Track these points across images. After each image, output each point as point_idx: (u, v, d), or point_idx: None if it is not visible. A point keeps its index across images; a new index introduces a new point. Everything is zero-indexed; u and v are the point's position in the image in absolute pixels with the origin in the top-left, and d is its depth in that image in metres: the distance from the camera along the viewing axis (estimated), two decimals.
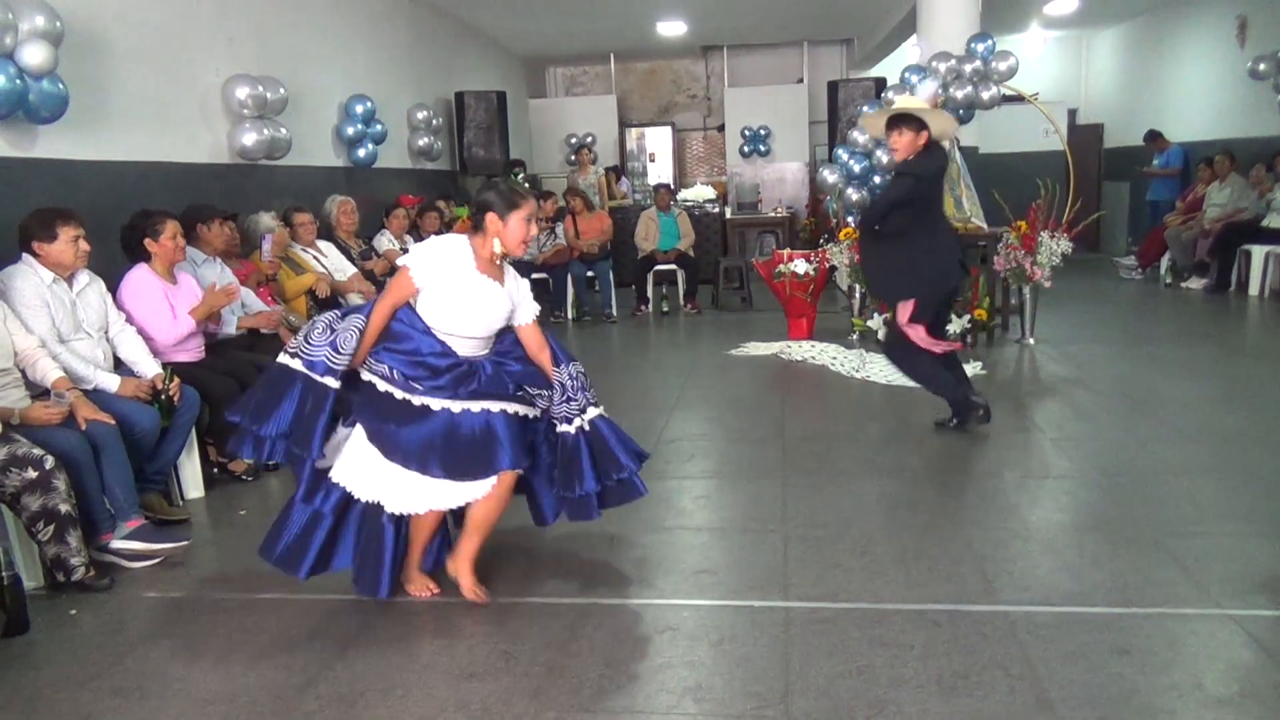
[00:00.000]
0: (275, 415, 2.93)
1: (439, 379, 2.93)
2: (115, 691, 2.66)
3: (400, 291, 2.96)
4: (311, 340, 2.94)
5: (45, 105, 4.15)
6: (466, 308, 2.97)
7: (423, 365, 2.93)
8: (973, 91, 7.91)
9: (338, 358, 2.90)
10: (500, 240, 3.00)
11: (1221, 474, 4.13)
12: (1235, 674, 2.55)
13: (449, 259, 2.97)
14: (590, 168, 11.32)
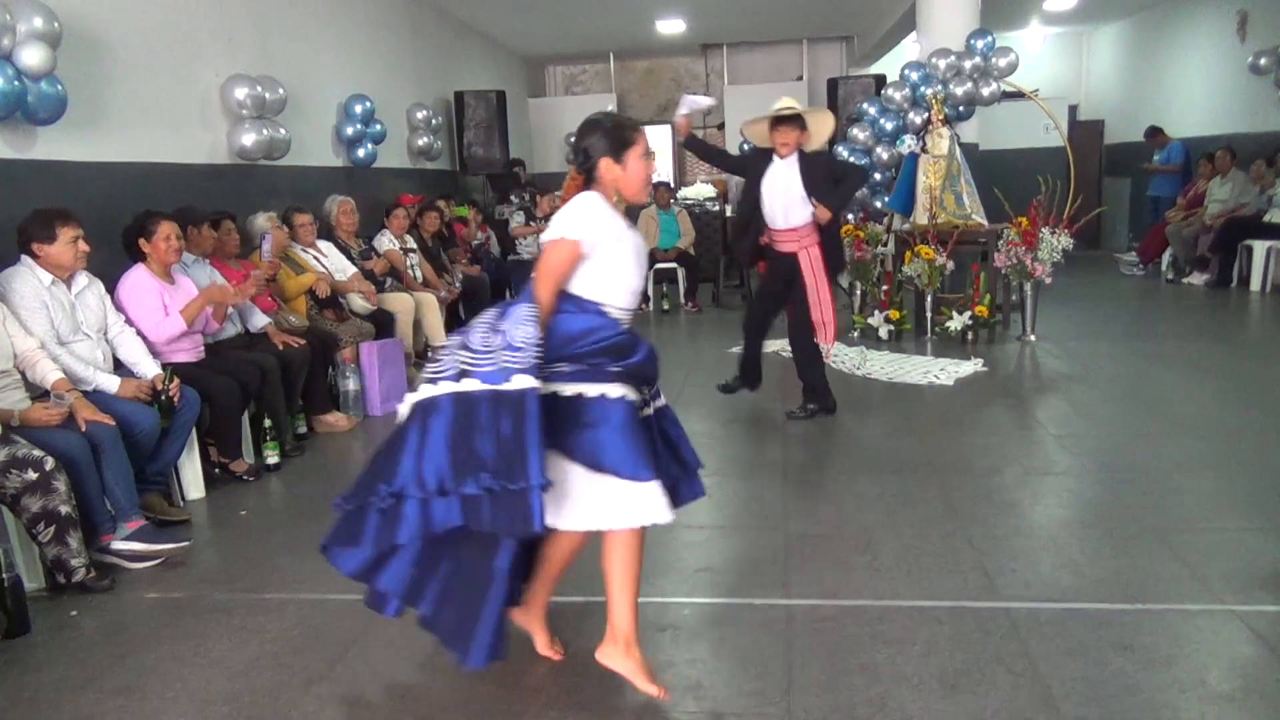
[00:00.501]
0: (434, 461, 2.34)
1: (627, 361, 2.50)
2: (117, 692, 2.66)
3: (564, 266, 2.44)
4: (475, 348, 2.38)
5: (44, 106, 4.14)
6: (632, 268, 2.54)
7: (607, 350, 2.47)
8: (973, 88, 7.90)
9: (520, 355, 2.31)
10: (621, 188, 2.54)
11: (1224, 470, 4.12)
12: (1238, 670, 2.54)
13: (604, 217, 2.49)
14: None
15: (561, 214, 2.47)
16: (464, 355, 2.39)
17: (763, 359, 5.46)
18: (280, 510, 4.31)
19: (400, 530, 2.39)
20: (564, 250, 2.43)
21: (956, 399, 5.51)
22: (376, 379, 5.65)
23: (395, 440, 2.44)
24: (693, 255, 9.60)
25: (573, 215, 2.46)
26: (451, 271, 7.85)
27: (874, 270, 7.45)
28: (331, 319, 5.77)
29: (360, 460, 5.09)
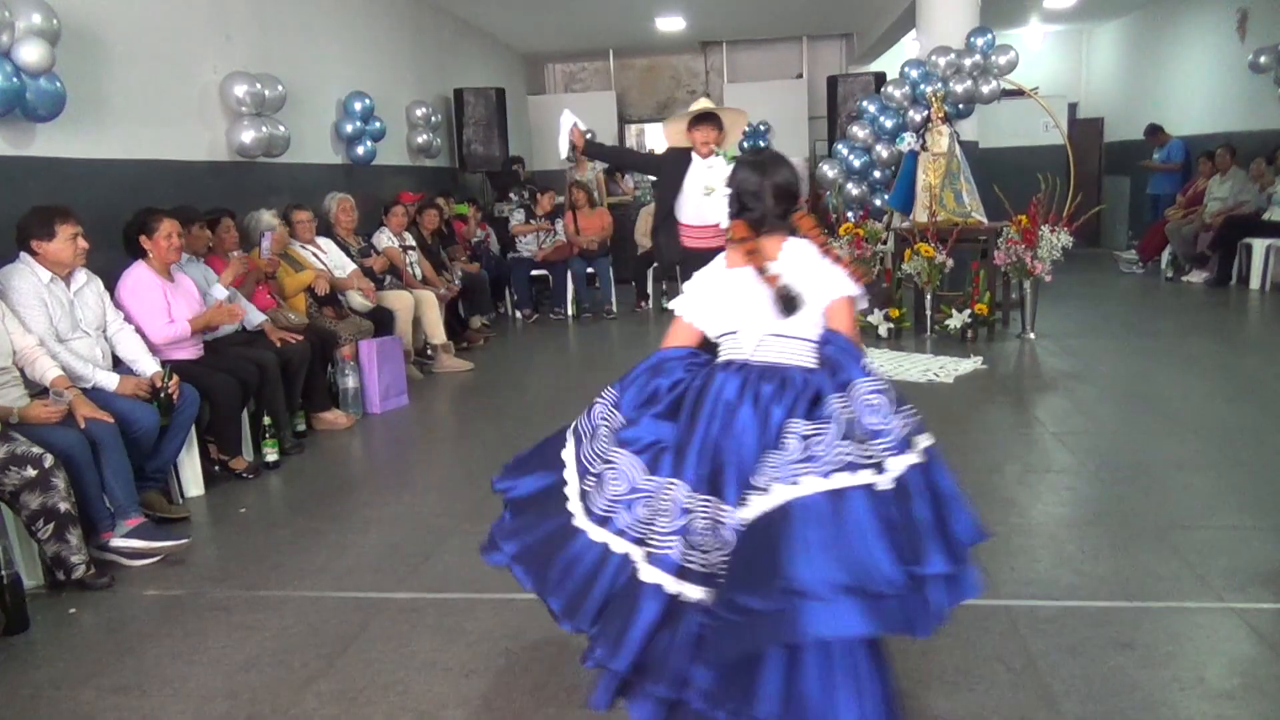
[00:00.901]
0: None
1: None
2: (115, 689, 2.66)
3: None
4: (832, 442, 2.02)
5: (43, 103, 4.14)
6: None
7: None
8: (972, 86, 7.89)
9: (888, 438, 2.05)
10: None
11: (1223, 467, 4.12)
12: (1237, 667, 2.54)
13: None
14: (588, 165, 11.29)
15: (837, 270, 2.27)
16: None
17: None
18: (279, 508, 4.31)
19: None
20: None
21: (956, 397, 5.51)
22: (376, 377, 5.65)
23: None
24: None
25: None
26: (451, 269, 7.85)
27: (873, 269, 7.44)
28: (330, 316, 5.77)
29: (360, 458, 5.10)
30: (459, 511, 3.99)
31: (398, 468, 4.90)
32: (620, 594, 2.14)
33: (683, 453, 2.14)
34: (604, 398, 2.35)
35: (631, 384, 2.33)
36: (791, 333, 2.22)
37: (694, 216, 4.97)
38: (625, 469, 2.20)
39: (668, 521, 2.09)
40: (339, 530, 3.85)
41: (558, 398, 5.96)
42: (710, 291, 2.37)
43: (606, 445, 2.25)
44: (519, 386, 6.41)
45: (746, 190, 2.32)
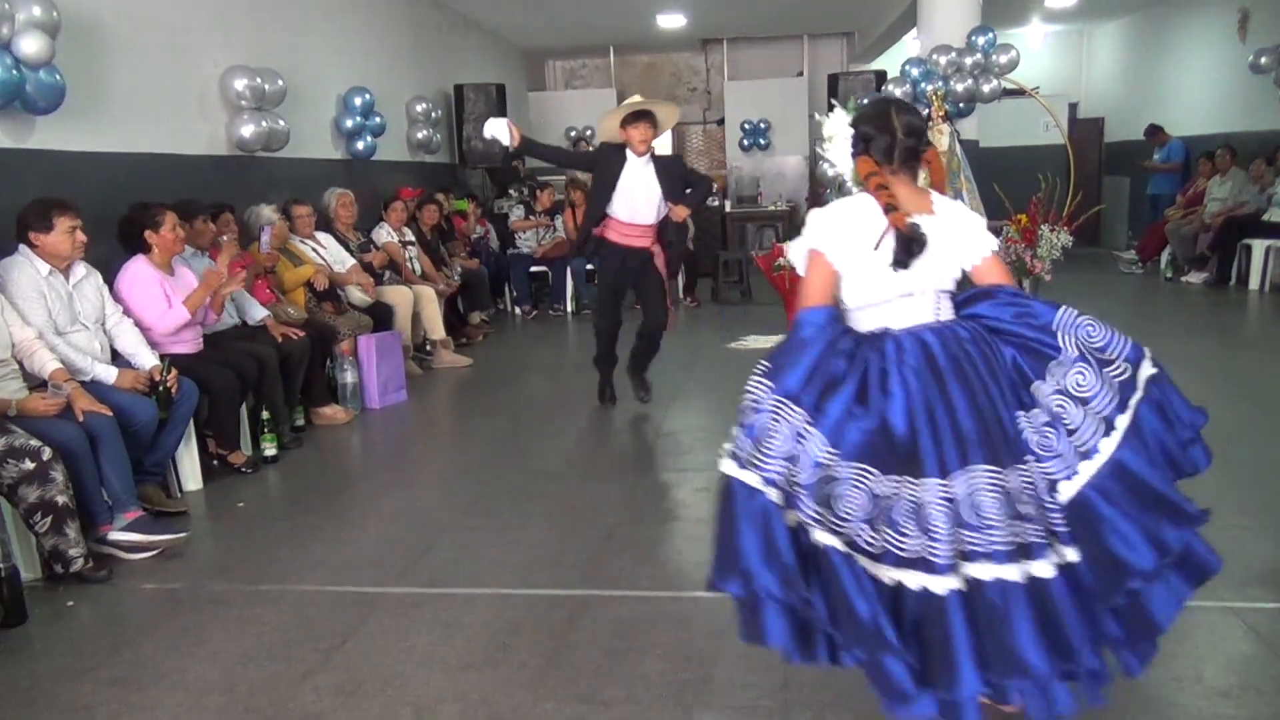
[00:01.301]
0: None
1: None
2: (113, 682, 2.66)
3: None
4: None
5: (42, 96, 4.12)
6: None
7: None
8: (973, 85, 7.90)
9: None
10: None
11: (1221, 468, 4.07)
12: (1235, 666, 2.54)
13: None
14: None
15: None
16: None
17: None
18: (278, 502, 4.31)
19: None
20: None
21: None
22: (374, 372, 5.64)
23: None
24: (692, 250, 9.58)
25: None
26: (450, 265, 7.84)
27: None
28: (330, 311, 5.77)
29: (359, 453, 5.10)
30: (457, 506, 3.99)
31: (396, 463, 4.90)
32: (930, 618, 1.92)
33: (960, 443, 1.95)
34: (766, 395, 2.01)
35: (800, 369, 2.01)
36: (950, 288, 2.16)
37: (627, 214, 4.94)
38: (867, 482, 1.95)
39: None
40: (337, 525, 3.85)
41: (556, 394, 5.96)
42: (855, 230, 2.10)
43: (819, 455, 1.96)
44: (518, 383, 6.41)
45: (876, 121, 2.15)
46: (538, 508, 3.97)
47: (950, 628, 1.89)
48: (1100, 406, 2.02)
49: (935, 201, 2.20)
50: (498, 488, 4.21)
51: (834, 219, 2.16)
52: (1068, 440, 1.98)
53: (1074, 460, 1.97)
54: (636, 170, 4.88)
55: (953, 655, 1.87)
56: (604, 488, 4.18)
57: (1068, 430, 1.99)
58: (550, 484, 4.27)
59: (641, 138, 4.82)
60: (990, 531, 1.91)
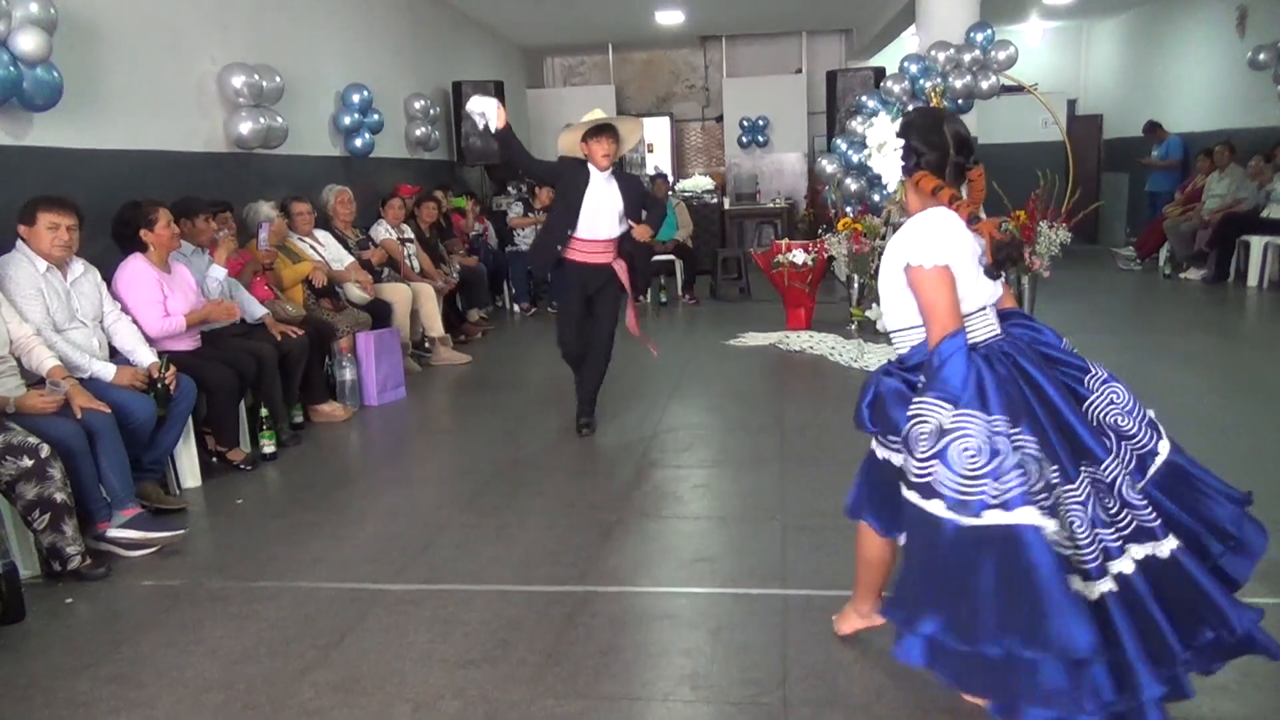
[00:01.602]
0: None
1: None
2: (111, 679, 2.66)
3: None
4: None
5: (39, 93, 4.12)
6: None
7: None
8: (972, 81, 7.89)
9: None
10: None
11: (1218, 463, 4.07)
12: (1235, 662, 2.53)
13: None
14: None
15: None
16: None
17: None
18: (277, 499, 4.31)
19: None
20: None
21: None
22: (373, 369, 5.64)
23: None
24: (690, 248, 9.58)
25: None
26: (449, 262, 7.83)
27: (871, 263, 7.44)
28: (328, 308, 5.76)
29: (357, 450, 5.10)
30: (456, 503, 3.99)
31: (395, 460, 4.89)
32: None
33: (1070, 441, 2.05)
34: (941, 417, 1.97)
35: (998, 395, 1.99)
36: (997, 300, 2.22)
37: (587, 230, 4.71)
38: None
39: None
40: (336, 522, 3.85)
41: (555, 391, 5.95)
42: (957, 242, 2.09)
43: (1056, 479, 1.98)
44: (516, 380, 6.40)
45: (927, 136, 2.15)
46: (536, 504, 3.97)
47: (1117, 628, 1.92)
48: (1140, 414, 2.23)
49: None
50: (496, 485, 4.22)
51: (943, 233, 2.10)
52: (1127, 444, 2.16)
53: (1138, 465, 2.15)
54: (600, 186, 4.69)
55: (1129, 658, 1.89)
56: (603, 485, 4.18)
57: (1126, 435, 2.15)
58: (549, 481, 4.27)
59: (604, 152, 4.64)
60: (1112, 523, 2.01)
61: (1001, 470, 1.89)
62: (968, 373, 1.97)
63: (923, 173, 2.13)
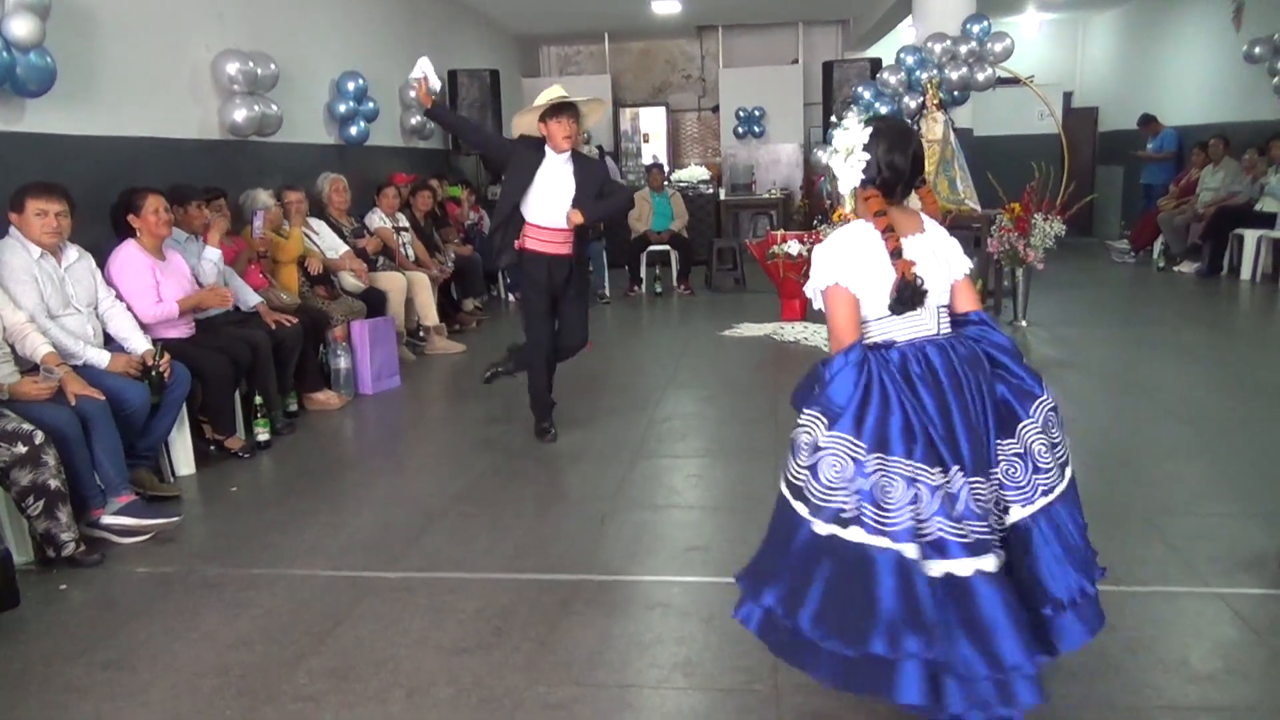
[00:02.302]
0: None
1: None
2: (106, 665, 2.66)
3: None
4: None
5: (32, 78, 4.10)
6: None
7: None
8: (968, 73, 7.90)
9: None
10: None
11: (1211, 456, 4.15)
12: (1221, 651, 2.57)
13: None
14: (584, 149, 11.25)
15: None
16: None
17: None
18: (271, 487, 4.31)
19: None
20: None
21: None
22: (368, 357, 5.64)
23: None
24: (685, 238, 9.58)
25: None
26: (444, 251, 7.83)
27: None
28: (323, 297, 5.76)
29: (352, 438, 5.10)
30: (450, 492, 4.00)
31: (389, 448, 4.90)
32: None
33: (953, 440, 2.06)
34: (818, 433, 2.08)
35: (876, 417, 2.06)
36: (946, 302, 2.25)
37: (542, 216, 4.41)
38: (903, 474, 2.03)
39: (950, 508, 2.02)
40: (330, 510, 3.85)
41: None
42: (862, 259, 2.17)
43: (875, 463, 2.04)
44: None
45: (891, 156, 2.18)
46: (530, 493, 3.98)
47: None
48: (1061, 453, 2.17)
49: (925, 220, 2.29)
50: (491, 473, 4.22)
51: (844, 250, 2.20)
52: (1032, 475, 2.12)
53: (1033, 494, 2.12)
54: (555, 169, 4.36)
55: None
56: (597, 474, 4.19)
57: (1035, 467, 2.13)
58: (543, 470, 4.28)
59: (565, 134, 4.29)
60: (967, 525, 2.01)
61: (861, 490, 2.02)
62: (853, 392, 2.07)
63: (874, 191, 2.18)
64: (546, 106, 4.29)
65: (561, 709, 2.38)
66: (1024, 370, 2.20)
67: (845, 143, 2.20)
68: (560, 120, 4.30)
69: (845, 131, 2.22)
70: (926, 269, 2.18)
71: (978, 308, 2.31)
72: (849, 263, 2.18)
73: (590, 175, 4.46)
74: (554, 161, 4.38)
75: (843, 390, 2.08)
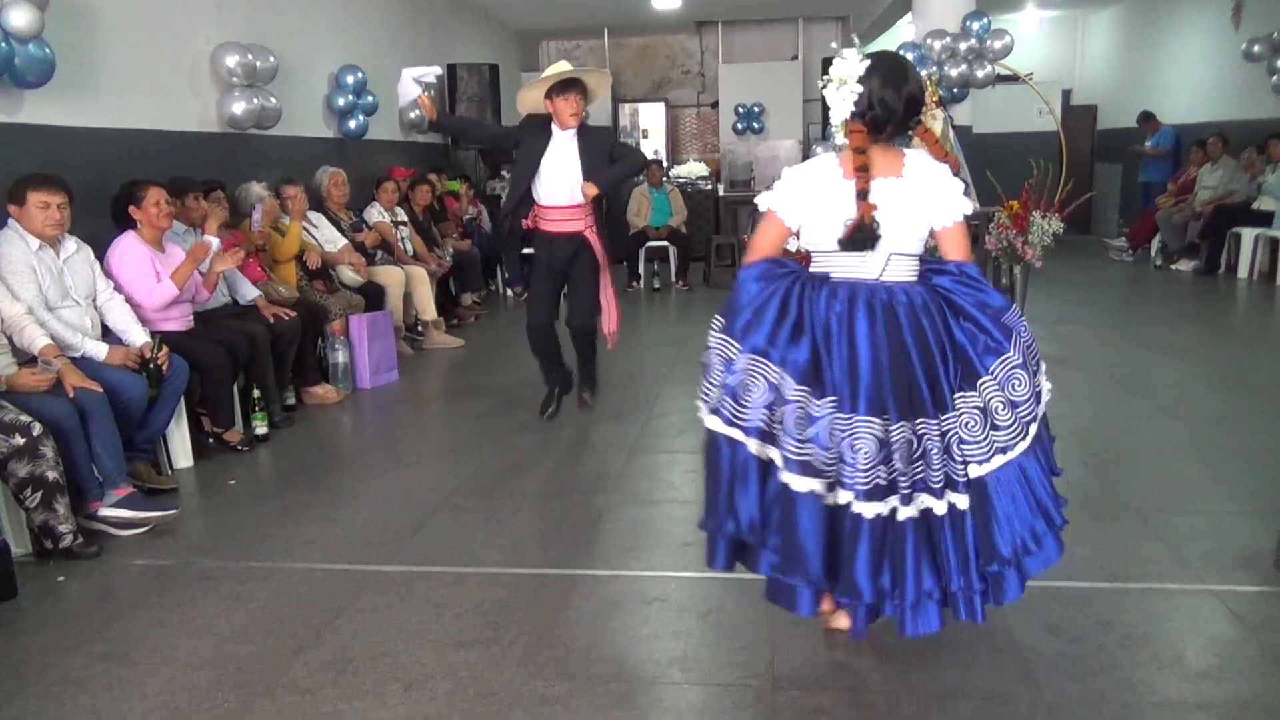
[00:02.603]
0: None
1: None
2: (104, 657, 2.67)
3: None
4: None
5: (31, 69, 4.09)
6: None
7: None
8: (967, 70, 7.90)
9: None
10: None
11: (1206, 453, 4.16)
12: (1215, 647, 2.58)
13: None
14: None
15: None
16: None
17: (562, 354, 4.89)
18: (269, 480, 4.31)
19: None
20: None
21: None
22: (366, 352, 5.64)
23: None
24: (684, 234, 9.58)
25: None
26: (442, 246, 7.82)
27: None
28: (321, 290, 5.76)
29: (350, 432, 5.11)
30: (448, 486, 4.01)
31: (387, 442, 4.90)
32: (783, 510, 2.23)
33: (852, 379, 2.18)
34: (715, 333, 2.33)
35: (743, 310, 2.27)
36: (913, 250, 2.27)
37: (549, 196, 4.38)
38: (768, 378, 2.21)
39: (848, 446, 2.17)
40: (328, 503, 3.86)
41: None
42: (822, 195, 2.25)
43: (740, 359, 2.25)
44: (509, 364, 6.40)
45: (883, 93, 2.20)
46: (528, 488, 3.99)
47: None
48: (1027, 410, 2.23)
49: (907, 165, 2.25)
50: (488, 468, 4.23)
51: (798, 182, 2.29)
52: (990, 432, 2.20)
53: (989, 451, 2.20)
54: (561, 147, 4.30)
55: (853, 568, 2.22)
56: (595, 469, 4.19)
57: (993, 424, 2.20)
58: (541, 464, 4.29)
59: (571, 111, 4.21)
60: (855, 469, 2.17)
61: (725, 384, 2.26)
62: (747, 300, 2.25)
63: (860, 127, 2.21)
64: (553, 83, 4.24)
65: (558, 703, 2.38)
66: (994, 325, 2.22)
67: (841, 72, 2.23)
68: (568, 97, 4.23)
69: (842, 61, 2.24)
70: (889, 214, 2.20)
71: (964, 258, 2.30)
72: (797, 196, 2.29)
73: (597, 145, 4.38)
74: (560, 140, 4.32)
75: (738, 298, 2.28)
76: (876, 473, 2.16)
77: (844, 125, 2.25)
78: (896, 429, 2.17)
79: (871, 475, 2.16)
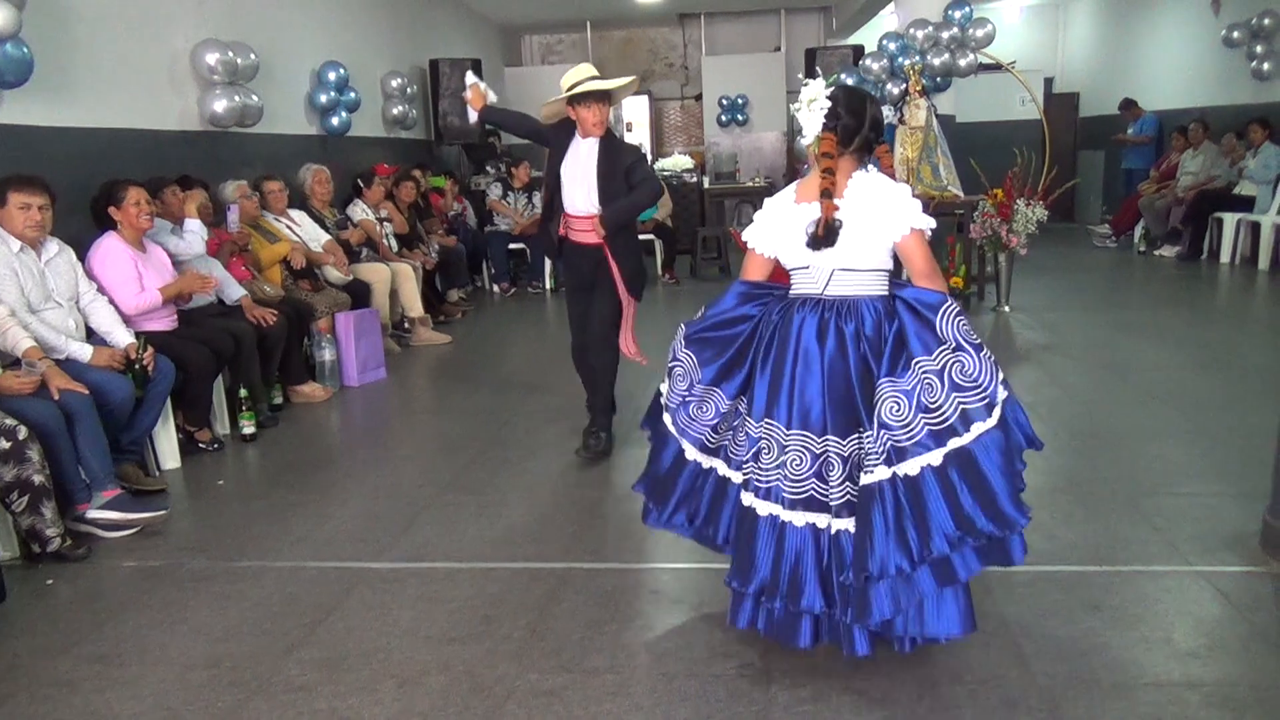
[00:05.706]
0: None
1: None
2: (95, 659, 2.65)
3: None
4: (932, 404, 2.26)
5: (9, 69, 4.05)
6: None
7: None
8: (950, 59, 7.92)
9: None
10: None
11: (1192, 436, 4.20)
12: (1203, 628, 2.60)
13: None
14: None
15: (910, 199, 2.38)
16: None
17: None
18: (258, 480, 4.30)
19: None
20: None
21: None
22: (353, 349, 5.62)
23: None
24: (670, 227, 9.57)
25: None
26: (427, 242, 7.79)
27: None
28: (307, 289, 5.73)
29: (338, 430, 5.09)
30: (438, 482, 4.00)
31: (376, 440, 4.89)
32: (741, 524, 2.44)
33: (774, 391, 2.37)
34: (680, 343, 2.60)
35: (705, 327, 2.56)
36: (863, 266, 2.37)
37: (570, 203, 4.16)
38: (712, 400, 2.51)
39: (771, 457, 2.35)
40: (318, 501, 3.84)
41: (535, 370, 5.96)
42: (780, 222, 2.49)
43: (689, 382, 2.54)
44: (496, 359, 6.40)
45: (851, 107, 2.41)
46: (518, 483, 3.98)
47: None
48: (975, 398, 2.24)
49: (850, 186, 2.39)
50: (478, 464, 4.22)
51: (768, 218, 2.55)
52: (919, 415, 2.23)
53: (919, 433, 2.23)
54: (580, 154, 4.12)
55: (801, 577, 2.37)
56: (585, 462, 4.19)
57: (923, 407, 2.23)
58: (530, 459, 4.28)
59: (595, 120, 4.01)
60: (787, 481, 2.34)
61: (677, 384, 2.57)
62: (719, 311, 2.56)
63: (831, 136, 2.37)
64: (577, 92, 4.01)
65: (553, 696, 2.39)
66: (943, 324, 2.27)
67: (809, 94, 2.42)
68: (592, 106, 4.01)
69: (809, 85, 2.43)
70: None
71: (923, 272, 2.37)
72: (768, 230, 2.53)
73: (617, 160, 4.10)
74: (582, 147, 4.11)
75: (715, 307, 2.58)
76: (809, 484, 2.33)
77: (815, 141, 2.41)
78: (830, 443, 2.32)
79: (804, 487, 2.33)
